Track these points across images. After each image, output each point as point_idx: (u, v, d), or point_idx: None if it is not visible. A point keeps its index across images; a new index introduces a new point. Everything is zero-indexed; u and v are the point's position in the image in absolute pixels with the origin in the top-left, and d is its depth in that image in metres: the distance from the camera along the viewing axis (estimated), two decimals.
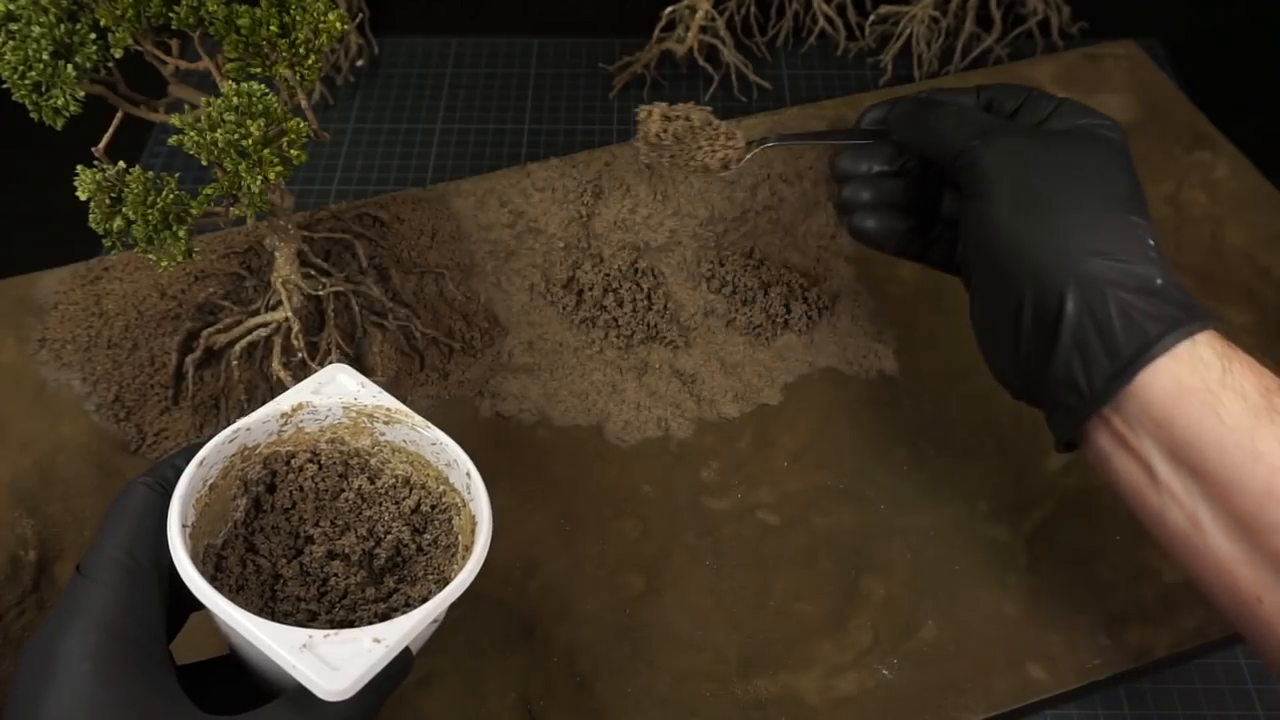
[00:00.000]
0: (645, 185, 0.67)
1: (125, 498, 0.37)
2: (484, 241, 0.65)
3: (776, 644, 0.51)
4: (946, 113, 0.48)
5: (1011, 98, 0.49)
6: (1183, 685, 0.52)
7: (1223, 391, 0.38)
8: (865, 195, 0.53)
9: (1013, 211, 0.42)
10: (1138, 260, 0.41)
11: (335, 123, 0.78)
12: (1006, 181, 0.43)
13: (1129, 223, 0.42)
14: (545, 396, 0.59)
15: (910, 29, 0.79)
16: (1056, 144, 0.45)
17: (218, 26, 0.46)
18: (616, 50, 0.82)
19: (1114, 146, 0.45)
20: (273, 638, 0.33)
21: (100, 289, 0.61)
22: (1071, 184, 0.43)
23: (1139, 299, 0.40)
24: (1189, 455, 0.39)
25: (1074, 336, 0.41)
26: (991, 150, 0.44)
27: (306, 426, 0.41)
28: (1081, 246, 0.41)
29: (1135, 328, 0.39)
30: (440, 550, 0.40)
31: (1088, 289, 0.40)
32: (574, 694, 0.49)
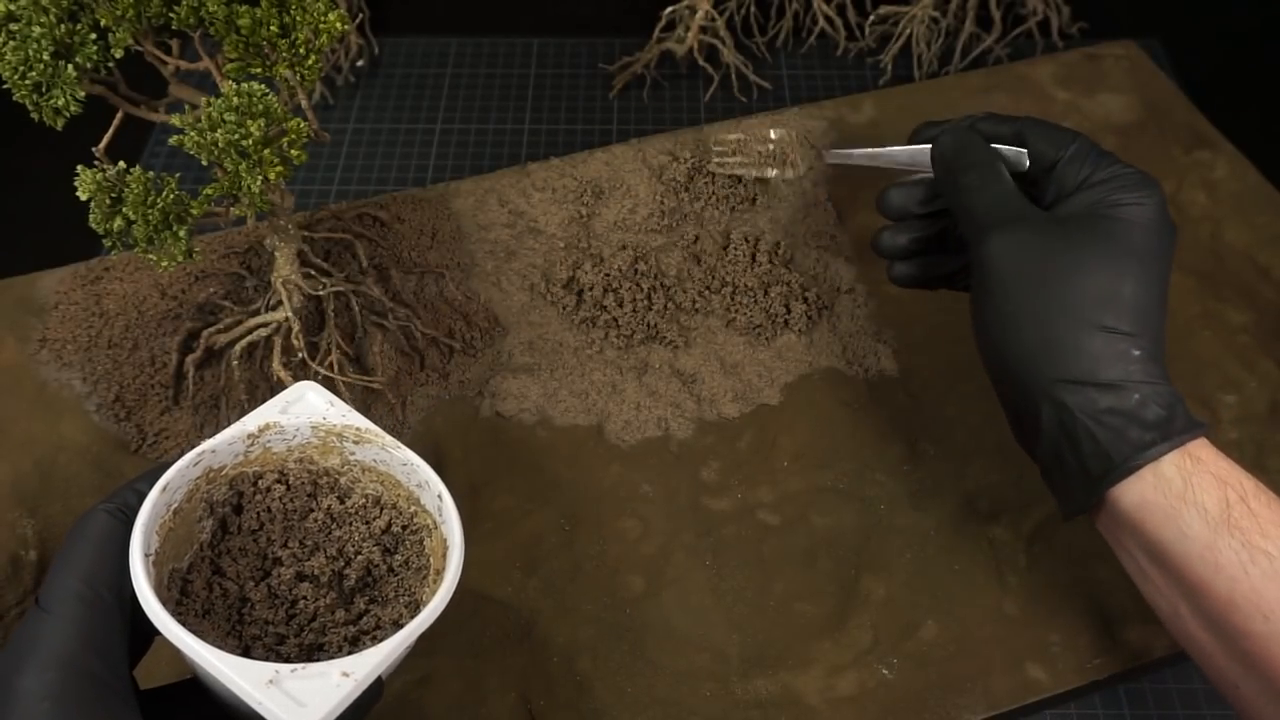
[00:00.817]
0: (645, 185, 0.67)
1: (85, 525, 0.35)
2: (484, 241, 0.65)
3: (776, 644, 0.51)
4: (975, 182, 0.48)
5: (1052, 147, 0.49)
6: (1182, 685, 0.53)
7: (1183, 507, 0.41)
8: (903, 241, 0.54)
9: (998, 321, 0.45)
10: (1115, 380, 0.42)
11: (335, 123, 0.78)
12: (999, 287, 0.45)
13: (1110, 339, 0.43)
14: (545, 396, 0.59)
15: (910, 29, 0.79)
16: (1060, 246, 0.45)
17: (218, 27, 0.46)
18: (616, 50, 0.82)
19: (1134, 233, 0.45)
20: (239, 674, 0.32)
21: (100, 289, 0.61)
22: (1058, 297, 0.44)
23: (1109, 421, 0.42)
24: (1161, 557, 0.42)
25: (1051, 448, 0.44)
26: (994, 246, 0.46)
27: (274, 447, 0.40)
28: (1053, 369, 0.43)
29: (1100, 452, 0.42)
30: (411, 572, 0.40)
31: (1060, 410, 0.43)
32: (574, 694, 0.49)
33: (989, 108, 0.73)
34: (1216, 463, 0.42)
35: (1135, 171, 0.47)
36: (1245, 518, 0.40)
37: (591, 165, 0.69)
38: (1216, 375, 0.60)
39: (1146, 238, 0.45)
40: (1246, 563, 0.39)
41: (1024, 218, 0.46)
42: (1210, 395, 0.59)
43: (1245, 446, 0.57)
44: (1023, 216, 0.46)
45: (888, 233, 0.54)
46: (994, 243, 0.46)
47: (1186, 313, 0.63)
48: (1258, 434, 0.58)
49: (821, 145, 0.60)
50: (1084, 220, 0.46)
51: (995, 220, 0.46)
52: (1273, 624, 0.39)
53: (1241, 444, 0.57)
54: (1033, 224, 0.46)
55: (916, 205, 0.53)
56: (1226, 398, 0.59)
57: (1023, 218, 0.46)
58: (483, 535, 0.54)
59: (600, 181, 0.68)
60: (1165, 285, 0.45)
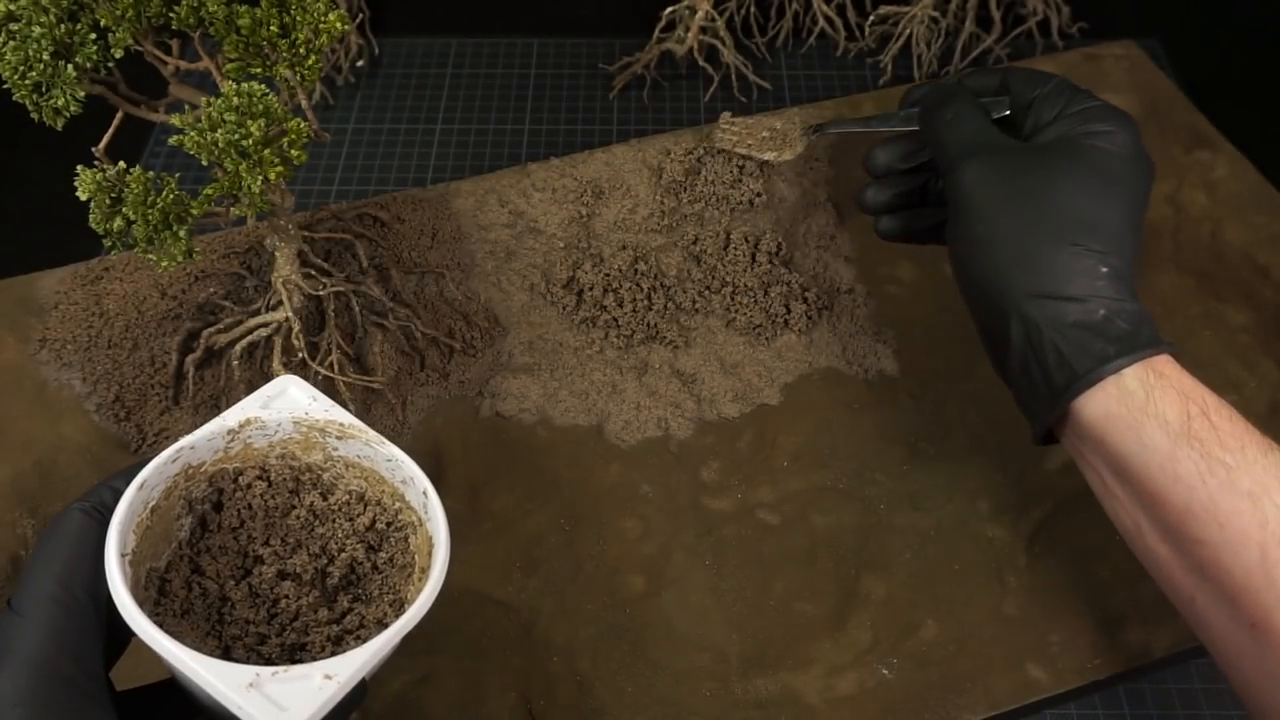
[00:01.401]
0: (645, 185, 0.67)
1: (60, 525, 0.35)
2: (484, 241, 0.65)
3: (776, 644, 0.51)
4: (951, 118, 0.50)
5: (1030, 86, 0.51)
6: (1182, 685, 0.53)
7: (1144, 419, 0.42)
8: (885, 196, 0.56)
9: (969, 245, 0.47)
10: (1081, 294, 0.43)
11: (335, 123, 0.78)
12: (971, 212, 0.47)
13: (1077, 254, 0.44)
14: (545, 396, 0.59)
15: (910, 29, 0.79)
16: (1034, 165, 0.47)
17: (218, 27, 0.46)
18: (616, 50, 0.82)
19: (1104, 159, 0.46)
20: (218, 676, 0.32)
21: (100, 289, 0.61)
22: (1025, 218, 0.45)
23: (1074, 335, 0.43)
24: (1123, 470, 0.43)
25: (1019, 364, 0.45)
26: (969, 173, 0.47)
27: (255, 442, 0.39)
28: (1022, 285, 0.44)
29: (1064, 364, 0.43)
30: (396, 569, 0.39)
31: (1027, 325, 0.44)
32: (574, 694, 0.49)
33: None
34: (1180, 378, 0.43)
35: (1108, 105, 0.49)
36: (1206, 430, 0.41)
37: (591, 165, 0.69)
38: (1216, 375, 0.60)
39: (1116, 164, 0.46)
40: (1205, 473, 0.40)
41: (992, 145, 0.48)
42: None
43: None
44: (991, 144, 0.48)
45: (872, 188, 0.56)
46: (967, 169, 0.47)
47: (1186, 313, 0.63)
48: None
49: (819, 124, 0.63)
50: (1055, 145, 0.47)
51: (969, 149, 0.48)
52: (1227, 532, 0.40)
53: None
54: (1004, 150, 0.48)
55: (900, 160, 0.55)
56: (1226, 398, 0.59)
57: (991, 145, 0.48)
58: (483, 535, 0.54)
59: (600, 181, 0.68)
60: (1138, 213, 0.46)
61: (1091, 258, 0.44)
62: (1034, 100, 0.50)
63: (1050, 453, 0.57)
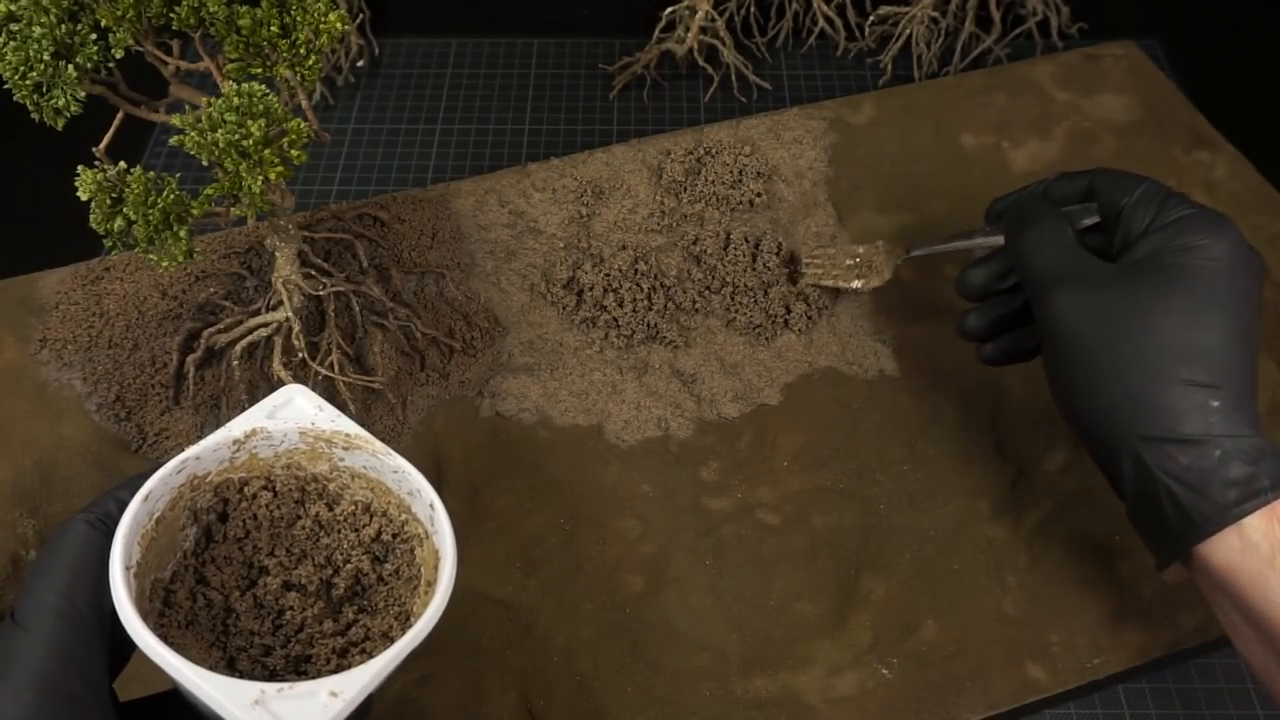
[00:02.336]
0: (645, 185, 0.67)
1: (64, 536, 0.34)
2: (484, 241, 0.65)
3: (776, 644, 0.51)
4: (1036, 240, 0.47)
5: (1118, 191, 0.47)
6: (1182, 685, 0.53)
7: (1270, 573, 0.40)
8: (985, 321, 0.52)
9: (1072, 380, 0.44)
10: (1194, 435, 0.41)
11: (335, 123, 0.78)
12: (1071, 346, 0.44)
13: (1186, 391, 0.41)
14: (545, 396, 0.59)
15: (910, 29, 0.79)
16: (1129, 293, 0.43)
17: (218, 27, 0.46)
18: (616, 50, 0.82)
19: (1203, 278, 0.43)
20: (223, 693, 0.31)
21: (101, 289, 0.61)
22: (1128, 351, 0.42)
23: (1189, 480, 0.41)
24: (1250, 615, 0.41)
25: (1135, 504, 0.43)
26: (1059, 305, 0.44)
27: (261, 453, 0.39)
28: (1130, 427, 0.42)
29: (1181, 512, 0.41)
30: (402, 582, 0.39)
31: (1139, 469, 0.42)
32: (574, 694, 0.49)
33: (989, 108, 0.73)
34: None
35: (1202, 211, 0.45)
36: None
37: (591, 165, 0.69)
38: None
39: (1217, 281, 0.43)
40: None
41: (1082, 273, 0.45)
42: None
43: None
44: (1081, 271, 0.45)
45: (973, 314, 0.52)
46: (1055, 301, 0.44)
47: None
48: None
49: (905, 246, 0.60)
50: (1149, 268, 0.44)
51: (1054, 278, 0.45)
52: None
53: None
54: (1092, 278, 0.45)
55: (995, 281, 0.51)
56: None
57: (1081, 273, 0.45)
58: (483, 535, 0.54)
59: (600, 181, 0.68)
60: (1247, 328, 0.43)
61: (1202, 393, 0.41)
62: (1123, 209, 0.47)
63: (1050, 453, 0.57)
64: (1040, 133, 0.72)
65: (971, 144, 0.72)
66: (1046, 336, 0.45)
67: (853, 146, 0.71)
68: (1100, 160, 0.70)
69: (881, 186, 0.69)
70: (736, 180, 0.67)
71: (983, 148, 0.71)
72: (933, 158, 0.71)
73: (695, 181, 0.67)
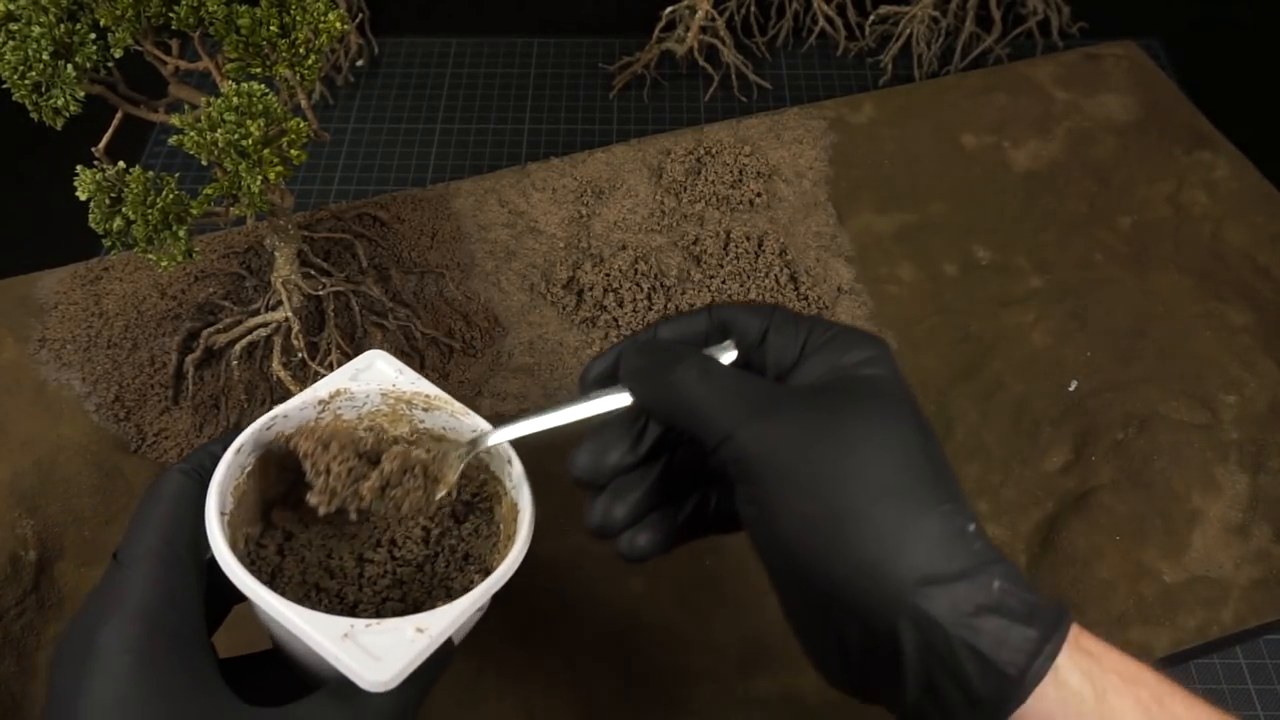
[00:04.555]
0: (645, 185, 0.67)
1: (161, 485, 0.36)
2: (484, 241, 0.65)
3: (776, 644, 0.51)
4: (690, 379, 0.36)
5: (752, 322, 0.39)
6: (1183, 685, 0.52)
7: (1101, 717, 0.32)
8: (620, 512, 0.39)
9: (805, 532, 0.33)
10: (968, 568, 0.32)
11: (335, 123, 0.78)
12: (787, 488, 0.34)
13: (943, 516, 0.33)
14: (545, 396, 0.59)
15: (910, 29, 0.79)
16: (830, 419, 0.35)
17: (218, 26, 0.46)
18: (616, 50, 0.82)
19: (891, 396, 0.36)
20: (314, 627, 0.33)
21: (100, 289, 0.61)
22: (865, 483, 0.33)
23: (984, 624, 0.32)
24: None
25: (920, 681, 0.33)
26: (757, 443, 0.34)
27: (344, 413, 0.40)
28: (903, 574, 0.32)
29: (990, 667, 0.32)
30: (481, 539, 0.40)
31: (924, 627, 0.32)
32: (574, 694, 0.49)
33: (989, 108, 0.73)
34: (1107, 654, 0.33)
35: (853, 330, 0.38)
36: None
37: (591, 165, 0.69)
38: (1216, 375, 0.60)
39: (904, 395, 0.36)
40: None
41: (776, 398, 0.36)
42: (1210, 395, 0.59)
43: (1245, 446, 0.57)
44: (774, 396, 0.36)
45: (600, 504, 0.39)
46: (759, 434, 0.34)
47: (1186, 313, 0.63)
48: (1258, 434, 0.58)
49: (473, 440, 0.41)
50: (838, 388, 0.36)
51: (746, 409, 0.35)
52: None
53: (1241, 444, 0.57)
54: (788, 404, 0.35)
55: (629, 453, 0.39)
56: (1226, 398, 0.59)
57: (775, 398, 0.36)
58: None
59: (600, 181, 0.68)
60: None
61: (960, 517, 0.33)
62: (765, 337, 0.39)
63: (1050, 453, 0.57)
64: (1041, 132, 0.72)
65: (972, 144, 0.72)
66: (751, 484, 0.35)
67: (853, 146, 0.71)
68: (1102, 161, 0.70)
69: (881, 186, 0.69)
70: (736, 180, 0.67)
71: (983, 147, 0.71)
72: (933, 158, 0.71)
73: (695, 181, 0.67)
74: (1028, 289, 0.64)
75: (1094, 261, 0.66)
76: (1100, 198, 0.69)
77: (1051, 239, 0.67)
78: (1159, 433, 0.57)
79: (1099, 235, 0.67)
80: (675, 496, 0.40)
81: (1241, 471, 0.56)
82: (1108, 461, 0.56)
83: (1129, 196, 0.69)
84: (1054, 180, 0.70)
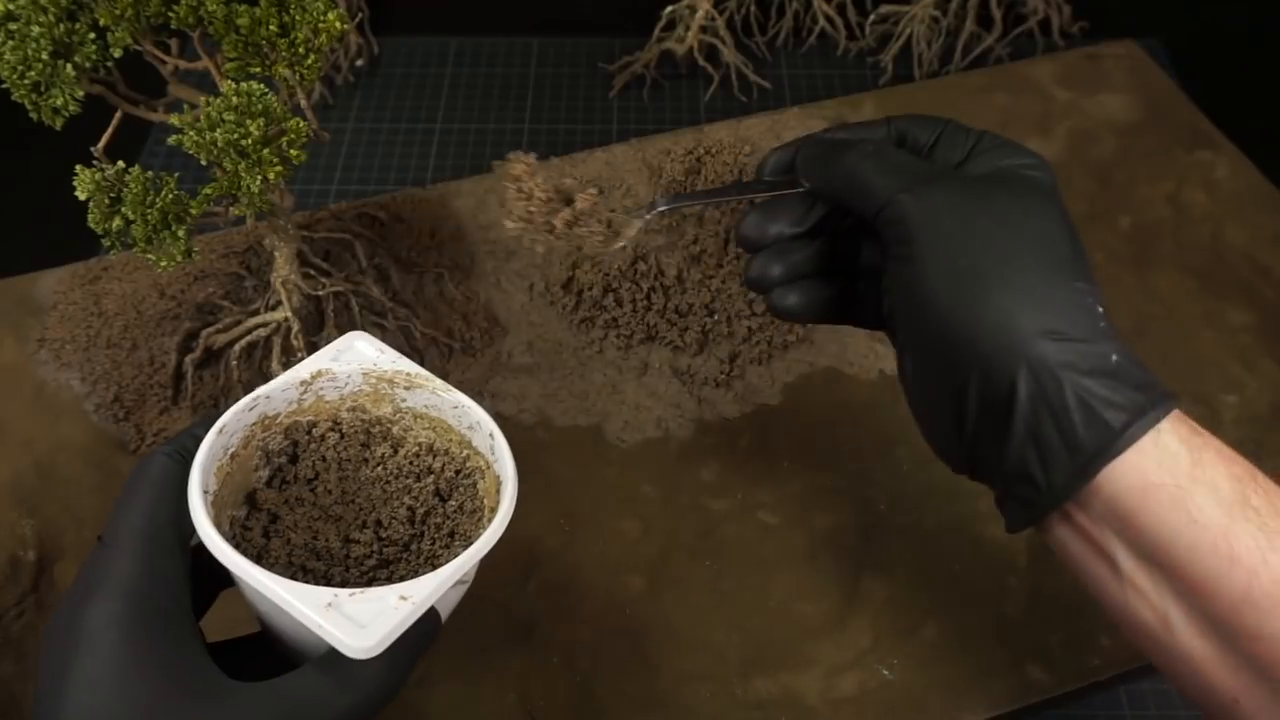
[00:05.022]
0: (645, 185, 0.67)
1: (145, 467, 0.36)
2: (484, 241, 0.65)
3: (776, 644, 0.51)
4: (863, 154, 0.41)
5: (925, 130, 0.43)
6: None
7: (1193, 486, 0.35)
8: (777, 270, 0.44)
9: (949, 282, 0.37)
10: (1090, 336, 0.36)
11: (335, 123, 0.78)
12: (939, 244, 0.38)
13: (1076, 291, 0.37)
14: (545, 396, 0.59)
15: (910, 29, 0.79)
16: (989, 196, 0.39)
17: (217, 26, 0.46)
18: (616, 50, 0.82)
19: (1047, 192, 0.40)
20: (297, 597, 0.33)
21: (100, 289, 0.61)
22: (1012, 248, 0.37)
23: (1097, 383, 0.35)
24: (1157, 553, 0.36)
25: (1028, 427, 0.36)
26: (919, 205, 0.38)
27: (327, 395, 0.41)
28: (1030, 326, 0.36)
29: (1096, 418, 0.35)
30: (466, 515, 0.40)
31: (1041, 374, 0.35)
32: (574, 694, 0.49)
33: (989, 108, 0.73)
34: (1209, 436, 0.36)
35: (1018, 144, 0.42)
36: (1261, 498, 0.35)
37: (591, 165, 0.68)
38: (1216, 375, 0.60)
39: (1058, 196, 0.40)
40: (1266, 550, 0.34)
41: (936, 175, 0.40)
42: (1210, 395, 0.59)
43: (1245, 446, 0.56)
44: (934, 174, 0.40)
45: (761, 259, 0.44)
46: (921, 202, 0.38)
47: (1186, 313, 0.63)
48: (1258, 434, 0.58)
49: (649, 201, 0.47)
50: (1002, 177, 0.40)
51: (908, 181, 0.39)
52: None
53: (1241, 444, 0.57)
54: (950, 177, 0.40)
55: (791, 224, 0.43)
56: (1227, 398, 0.59)
57: (935, 175, 0.40)
58: None
59: (600, 181, 0.68)
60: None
61: (1089, 295, 0.37)
62: (936, 142, 0.42)
63: None
64: (1041, 132, 0.72)
65: None
66: (908, 243, 0.38)
67: None
68: (1102, 161, 0.70)
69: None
70: (736, 180, 0.67)
71: None
72: None
73: (695, 181, 0.67)
74: None
75: (1094, 261, 0.65)
76: (1100, 197, 0.69)
77: None
78: None
79: (1099, 235, 0.67)
80: (828, 275, 0.44)
81: None
82: None
83: (1129, 196, 0.69)
84: None
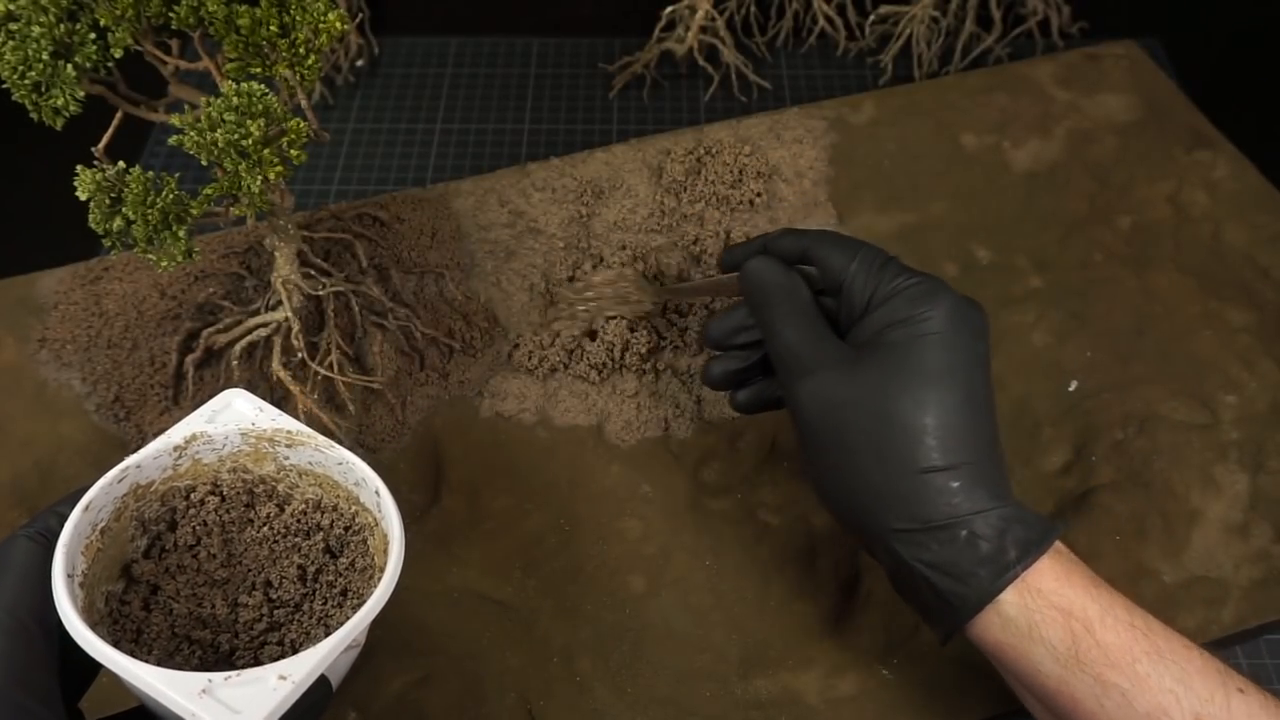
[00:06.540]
0: (645, 185, 0.67)
1: (4, 552, 0.34)
2: (484, 241, 0.65)
3: (776, 644, 0.51)
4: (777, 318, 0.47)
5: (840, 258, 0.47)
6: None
7: (1031, 646, 0.41)
8: (731, 368, 0.51)
9: (827, 474, 0.44)
10: (940, 519, 0.41)
11: (335, 123, 0.78)
12: (820, 438, 0.44)
13: (928, 479, 0.41)
14: (545, 396, 0.59)
15: (910, 29, 0.79)
16: (865, 383, 0.43)
17: (218, 26, 0.46)
18: (616, 50, 0.82)
19: (930, 351, 0.43)
20: (168, 685, 0.31)
21: (100, 289, 0.61)
22: (874, 442, 0.42)
23: (942, 567, 0.41)
24: (1025, 683, 0.42)
25: (900, 590, 0.45)
26: (803, 394, 0.44)
27: (204, 457, 0.39)
28: (884, 524, 0.42)
29: (941, 600, 0.42)
30: (357, 573, 0.39)
31: (897, 561, 0.43)
32: (574, 694, 0.49)
33: (989, 108, 0.73)
34: (1059, 590, 0.41)
35: (916, 281, 0.45)
36: (1092, 651, 0.40)
37: (591, 165, 0.68)
38: (1216, 375, 0.60)
39: (938, 352, 0.43)
40: (1100, 696, 0.40)
41: (821, 361, 0.45)
42: (1210, 395, 0.59)
43: (1245, 446, 0.57)
44: (820, 360, 0.45)
45: (716, 363, 0.51)
46: (799, 392, 0.44)
47: (1186, 313, 0.63)
48: (1258, 434, 0.58)
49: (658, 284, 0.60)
50: (874, 352, 0.44)
51: (798, 366, 0.45)
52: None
53: (1241, 444, 0.57)
54: (831, 367, 0.44)
55: (735, 335, 0.50)
56: (1226, 398, 0.59)
57: (820, 361, 0.45)
58: (483, 535, 0.54)
59: (600, 181, 0.68)
60: (975, 391, 0.43)
61: (940, 476, 0.41)
62: (844, 282, 0.46)
63: (1050, 453, 0.57)
64: (1041, 132, 0.72)
65: (972, 144, 0.72)
66: (795, 423, 0.45)
67: (853, 146, 0.71)
68: (1102, 161, 0.70)
69: (882, 186, 0.69)
70: (736, 180, 0.67)
71: (983, 147, 0.71)
72: (933, 158, 0.71)
73: (695, 181, 0.67)
74: (1027, 289, 0.64)
75: (1094, 261, 0.66)
76: (1100, 198, 0.69)
77: (1051, 239, 0.67)
78: (1159, 433, 0.57)
79: (1099, 235, 0.67)
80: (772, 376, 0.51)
81: (1241, 471, 0.56)
82: (1108, 461, 0.56)
83: (1129, 196, 0.69)
84: (1054, 180, 0.70)
